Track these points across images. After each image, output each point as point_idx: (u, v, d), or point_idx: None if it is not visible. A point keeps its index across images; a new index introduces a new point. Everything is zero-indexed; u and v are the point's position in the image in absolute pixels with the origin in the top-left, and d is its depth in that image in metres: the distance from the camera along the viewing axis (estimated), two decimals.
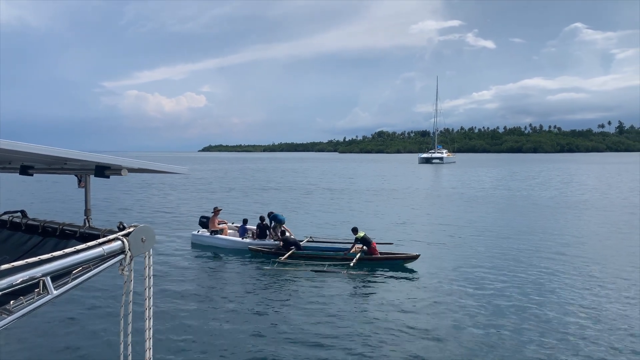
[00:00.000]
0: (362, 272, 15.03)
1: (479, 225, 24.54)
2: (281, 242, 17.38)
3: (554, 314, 11.29)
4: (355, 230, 16.72)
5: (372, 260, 16.06)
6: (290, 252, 16.65)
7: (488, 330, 10.27)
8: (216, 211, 20.03)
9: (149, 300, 2.54)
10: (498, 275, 14.73)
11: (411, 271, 15.40)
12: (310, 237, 18.62)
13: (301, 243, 17.60)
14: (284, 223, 18.83)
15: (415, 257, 15.92)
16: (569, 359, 8.94)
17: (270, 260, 16.45)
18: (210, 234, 19.37)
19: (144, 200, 37.68)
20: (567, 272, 15.25)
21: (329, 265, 15.64)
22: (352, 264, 15.31)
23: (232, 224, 20.53)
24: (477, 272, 15.13)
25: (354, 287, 13.95)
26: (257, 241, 18.50)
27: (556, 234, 22.47)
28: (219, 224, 19.76)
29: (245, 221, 19.62)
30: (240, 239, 18.95)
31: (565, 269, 15.64)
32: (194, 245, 19.35)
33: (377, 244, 16.61)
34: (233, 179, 64.56)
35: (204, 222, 19.92)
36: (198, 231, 19.92)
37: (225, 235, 19.51)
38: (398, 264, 15.86)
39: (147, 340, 2.55)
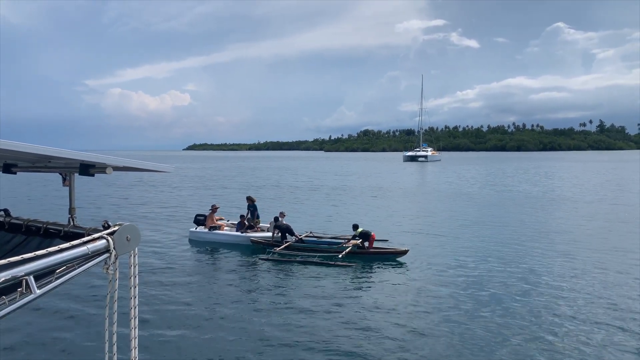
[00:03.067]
0: (351, 264, 15.49)
1: (467, 221, 24.77)
2: (276, 231, 18.06)
3: (539, 304, 11.46)
4: (355, 227, 17.20)
5: (362, 254, 16.56)
6: (287, 244, 17.34)
7: (472, 323, 10.37)
8: (214, 209, 20.40)
9: (134, 299, 2.52)
10: (484, 269, 14.92)
11: (400, 265, 15.67)
12: (310, 232, 19.22)
13: (299, 237, 18.19)
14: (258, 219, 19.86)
15: (404, 252, 16.31)
16: (555, 351, 9.09)
17: (266, 250, 17.16)
18: (209, 230, 19.62)
19: (135, 198, 37.30)
20: (551, 263, 15.58)
21: (320, 256, 16.18)
22: (340, 256, 15.87)
23: (228, 221, 20.82)
24: (464, 266, 15.29)
25: (343, 279, 14.25)
26: (259, 234, 18.89)
27: (540, 227, 22.89)
28: (217, 221, 20.08)
29: (243, 217, 19.91)
30: (238, 233, 19.22)
31: (549, 260, 15.97)
32: (192, 242, 19.59)
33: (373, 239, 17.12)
34: (227, 177, 64.25)
35: (200, 220, 20.22)
36: (195, 228, 20.15)
37: (222, 231, 19.76)
38: (388, 258, 16.25)
39: (133, 340, 2.54)
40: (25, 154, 2.40)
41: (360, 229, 16.96)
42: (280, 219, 18.65)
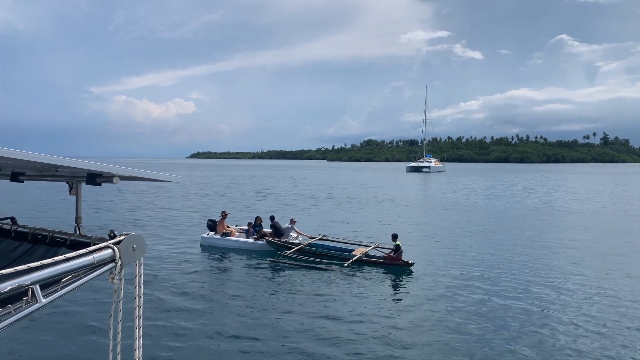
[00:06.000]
0: (356, 273, 15.81)
1: (474, 233, 24.69)
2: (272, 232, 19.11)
3: (542, 316, 11.38)
4: (395, 237, 17.34)
5: (368, 263, 16.84)
6: (298, 247, 17.74)
7: (469, 336, 10.31)
8: (224, 215, 20.71)
9: (139, 309, 2.52)
10: (491, 281, 14.91)
11: (405, 277, 15.70)
12: (324, 236, 19.38)
13: (312, 241, 18.70)
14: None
15: (410, 265, 16.40)
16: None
17: (277, 253, 17.60)
18: (221, 236, 19.92)
19: (144, 205, 37.47)
20: (555, 276, 15.50)
21: (327, 263, 16.54)
22: (346, 265, 16.20)
23: (236, 226, 21.15)
24: (470, 279, 15.25)
25: (348, 287, 14.38)
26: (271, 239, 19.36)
27: (545, 240, 22.77)
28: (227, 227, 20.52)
29: (250, 224, 20.36)
30: (250, 240, 19.53)
31: (554, 273, 15.89)
32: (204, 248, 19.86)
33: (380, 247, 17.67)
34: (238, 186, 64.59)
35: (211, 225, 20.56)
36: (207, 234, 20.46)
37: (233, 237, 20.06)
38: (394, 269, 16.39)
39: (137, 350, 2.53)
40: (33, 163, 2.41)
41: (398, 242, 17.07)
42: (289, 223, 19.34)
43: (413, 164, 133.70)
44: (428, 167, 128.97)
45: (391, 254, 16.90)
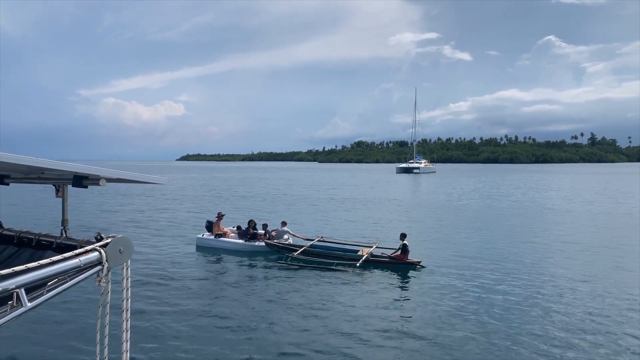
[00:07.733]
0: (365, 273, 16.10)
1: (473, 232, 24.95)
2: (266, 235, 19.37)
3: (544, 314, 11.45)
4: (403, 236, 17.54)
5: (377, 263, 17.14)
6: (302, 249, 17.85)
7: (477, 334, 10.36)
8: (220, 216, 20.83)
9: (126, 312, 2.50)
10: (496, 279, 15.22)
11: (413, 276, 15.93)
12: (321, 237, 19.51)
13: (312, 242, 18.81)
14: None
15: (417, 263, 16.76)
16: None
17: (284, 255, 17.62)
18: (215, 237, 20.02)
19: (137, 206, 37.23)
20: (553, 273, 15.76)
21: (338, 263, 16.71)
22: (357, 264, 16.45)
23: (234, 227, 21.22)
24: (474, 276, 15.53)
25: (359, 287, 14.54)
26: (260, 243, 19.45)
27: (539, 236, 23.16)
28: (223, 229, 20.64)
29: (239, 227, 20.53)
30: (243, 241, 19.70)
31: (553, 270, 16.18)
32: (199, 248, 19.98)
33: (379, 247, 18.03)
34: (233, 188, 64.24)
35: (209, 226, 20.70)
36: (202, 234, 20.59)
37: (228, 238, 20.16)
38: (401, 268, 16.65)
39: (124, 353, 2.51)
40: (18, 166, 2.38)
41: (405, 242, 17.23)
42: (280, 226, 19.55)
43: (403, 165, 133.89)
44: (418, 168, 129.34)
45: (397, 253, 17.08)
